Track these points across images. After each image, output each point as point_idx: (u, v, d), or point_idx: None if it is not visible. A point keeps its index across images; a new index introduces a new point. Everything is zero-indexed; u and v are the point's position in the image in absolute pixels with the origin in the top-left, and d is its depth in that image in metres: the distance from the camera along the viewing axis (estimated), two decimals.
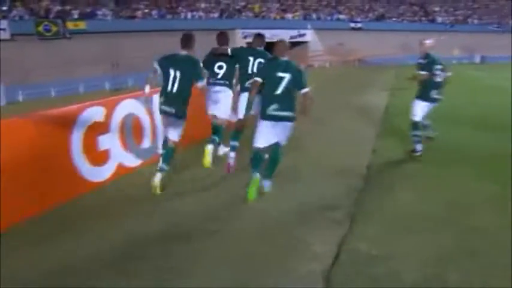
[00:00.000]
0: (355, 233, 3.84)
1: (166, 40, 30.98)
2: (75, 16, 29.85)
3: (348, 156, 6.50)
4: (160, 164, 4.99)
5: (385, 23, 45.56)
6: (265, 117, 4.60)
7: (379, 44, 41.37)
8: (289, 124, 4.63)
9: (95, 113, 5.22)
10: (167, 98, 5.04)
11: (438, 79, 6.13)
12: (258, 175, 4.66)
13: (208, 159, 5.79)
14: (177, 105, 5.02)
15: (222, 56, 5.93)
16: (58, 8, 29.55)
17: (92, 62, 26.36)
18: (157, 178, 4.91)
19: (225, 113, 5.80)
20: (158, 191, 4.91)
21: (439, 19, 47.74)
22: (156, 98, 5.77)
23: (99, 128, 5.27)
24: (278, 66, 4.66)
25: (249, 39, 29.31)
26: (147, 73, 5.37)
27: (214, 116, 5.94)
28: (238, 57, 5.87)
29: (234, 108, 5.67)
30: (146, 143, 6.21)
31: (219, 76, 5.83)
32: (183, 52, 5.30)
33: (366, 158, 6.41)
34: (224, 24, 35.17)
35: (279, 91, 4.56)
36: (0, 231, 3.88)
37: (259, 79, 4.71)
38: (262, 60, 5.54)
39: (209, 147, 5.85)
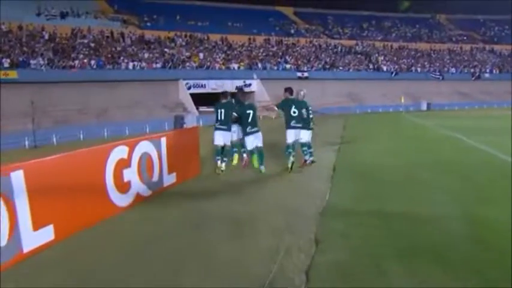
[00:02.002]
0: None
1: (103, 91, 33.20)
2: (6, 65, 30.97)
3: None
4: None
5: (331, 72, 49.90)
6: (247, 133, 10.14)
7: (326, 93, 45.39)
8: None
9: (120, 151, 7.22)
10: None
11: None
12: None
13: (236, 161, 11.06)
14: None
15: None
16: None
17: (16, 115, 26.06)
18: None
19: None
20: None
21: (384, 68, 53.09)
22: (164, 140, 8.15)
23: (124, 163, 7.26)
24: (246, 107, 10.23)
25: (194, 90, 31.85)
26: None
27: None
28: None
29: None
30: (155, 177, 8.20)
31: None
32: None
33: None
34: (167, 75, 37.77)
35: (249, 119, 10.03)
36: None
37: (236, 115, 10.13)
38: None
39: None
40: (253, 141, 10.09)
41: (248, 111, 10.07)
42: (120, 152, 7.15)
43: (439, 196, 7.56)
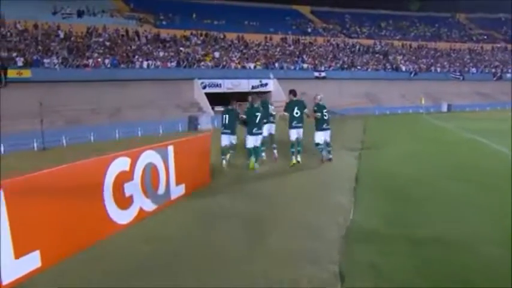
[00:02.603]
0: None
1: (117, 91, 32.67)
2: (20, 64, 30.65)
3: None
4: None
5: (349, 71, 48.84)
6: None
7: (343, 93, 44.34)
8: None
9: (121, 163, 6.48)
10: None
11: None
12: None
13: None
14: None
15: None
16: (1, 54, 30.39)
17: (28, 114, 25.01)
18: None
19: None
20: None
21: (403, 68, 51.91)
22: (171, 149, 7.45)
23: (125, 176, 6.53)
24: (254, 109, 11.08)
25: (209, 90, 31.16)
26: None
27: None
28: None
29: None
30: (161, 190, 7.46)
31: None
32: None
33: None
34: (182, 74, 37.11)
35: (257, 120, 11.00)
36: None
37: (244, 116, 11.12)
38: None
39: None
40: (255, 141, 10.95)
41: (256, 114, 10.97)
42: (120, 164, 6.44)
43: (472, 214, 6.76)
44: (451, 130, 20.47)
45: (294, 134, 11.35)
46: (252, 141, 10.95)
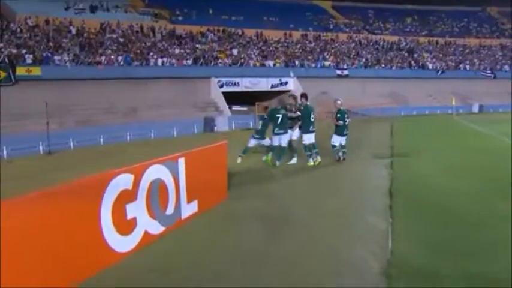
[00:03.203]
0: None
1: (131, 89, 32.09)
2: (29, 61, 30.20)
3: None
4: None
5: (373, 69, 47.89)
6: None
7: (366, 93, 43.24)
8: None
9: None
10: None
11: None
12: None
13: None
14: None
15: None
16: (10, 50, 29.97)
17: (37, 114, 24.26)
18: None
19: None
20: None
21: (430, 65, 50.53)
22: (182, 162, 6.59)
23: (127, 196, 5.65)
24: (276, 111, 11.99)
25: (226, 88, 30.87)
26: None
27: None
28: None
29: None
30: (170, 209, 6.58)
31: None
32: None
33: None
34: (199, 72, 36.45)
35: (278, 121, 11.73)
36: None
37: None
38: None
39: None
40: (279, 140, 11.77)
41: (277, 115, 11.75)
42: (122, 182, 5.54)
43: None
44: (491, 136, 19.05)
45: (311, 139, 11.99)
46: (275, 141, 11.95)
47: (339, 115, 12.13)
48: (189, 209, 7.12)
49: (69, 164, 14.36)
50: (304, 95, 12.27)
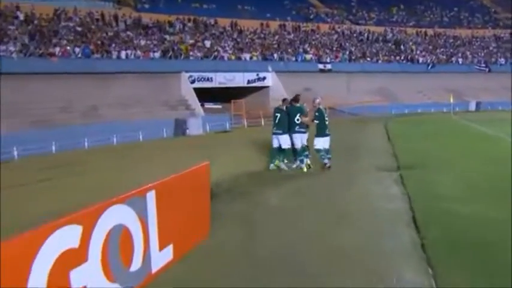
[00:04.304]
0: None
1: (91, 85, 30.37)
2: None
3: None
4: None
5: (358, 63, 47.37)
6: None
7: (352, 89, 42.53)
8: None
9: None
10: None
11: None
12: None
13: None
14: None
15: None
16: None
17: None
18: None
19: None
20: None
21: (419, 59, 50.24)
22: (152, 197, 5.19)
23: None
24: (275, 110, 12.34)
25: (199, 84, 29.90)
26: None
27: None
28: None
29: None
30: (136, 264, 5.09)
31: None
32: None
33: None
34: (167, 66, 35.16)
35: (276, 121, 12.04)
36: None
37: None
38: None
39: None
40: (277, 142, 11.99)
41: (276, 114, 12.04)
42: (63, 239, 4.02)
43: None
44: (504, 139, 17.83)
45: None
46: (274, 142, 12.11)
47: (317, 114, 12.00)
48: (162, 258, 5.61)
49: None
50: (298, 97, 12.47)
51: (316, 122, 11.94)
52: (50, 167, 11.84)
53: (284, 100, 12.59)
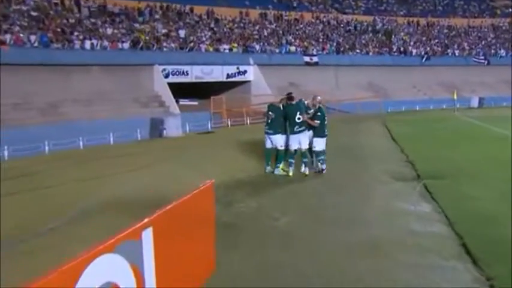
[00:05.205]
0: None
1: (50, 79, 29.03)
2: None
3: None
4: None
5: (346, 56, 47.11)
6: None
7: (340, 83, 42.22)
8: None
9: None
10: None
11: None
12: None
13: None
14: None
15: None
16: None
17: None
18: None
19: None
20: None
21: (413, 51, 50.34)
22: (148, 236, 4.08)
23: None
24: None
25: (173, 79, 29.00)
26: None
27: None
28: None
29: None
30: None
31: None
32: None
33: None
34: (138, 58, 34.33)
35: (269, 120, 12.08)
36: None
37: None
38: None
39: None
40: (270, 143, 11.99)
41: (269, 113, 11.97)
42: None
43: None
44: None
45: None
46: (267, 142, 12.07)
47: (319, 113, 11.92)
48: None
49: None
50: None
51: (317, 122, 11.74)
52: None
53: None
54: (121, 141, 20.49)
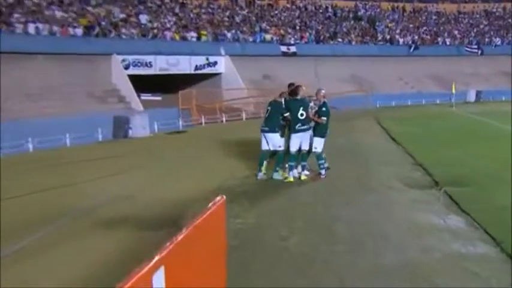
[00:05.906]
0: None
1: None
2: None
3: None
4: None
5: (327, 45, 47.23)
6: None
7: (321, 76, 41.89)
8: None
9: None
10: None
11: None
12: None
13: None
14: None
15: None
16: None
17: None
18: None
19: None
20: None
21: (399, 39, 50.58)
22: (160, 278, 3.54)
23: None
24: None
25: (134, 70, 28.32)
26: None
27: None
28: None
29: None
30: None
31: None
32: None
33: None
34: (93, 47, 33.29)
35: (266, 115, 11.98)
36: None
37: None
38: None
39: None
40: (266, 143, 11.48)
41: (267, 108, 11.69)
42: None
43: None
44: None
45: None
46: (263, 143, 11.58)
47: (324, 109, 11.42)
48: None
49: None
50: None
51: (324, 119, 11.29)
52: None
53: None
54: (79, 142, 19.58)
